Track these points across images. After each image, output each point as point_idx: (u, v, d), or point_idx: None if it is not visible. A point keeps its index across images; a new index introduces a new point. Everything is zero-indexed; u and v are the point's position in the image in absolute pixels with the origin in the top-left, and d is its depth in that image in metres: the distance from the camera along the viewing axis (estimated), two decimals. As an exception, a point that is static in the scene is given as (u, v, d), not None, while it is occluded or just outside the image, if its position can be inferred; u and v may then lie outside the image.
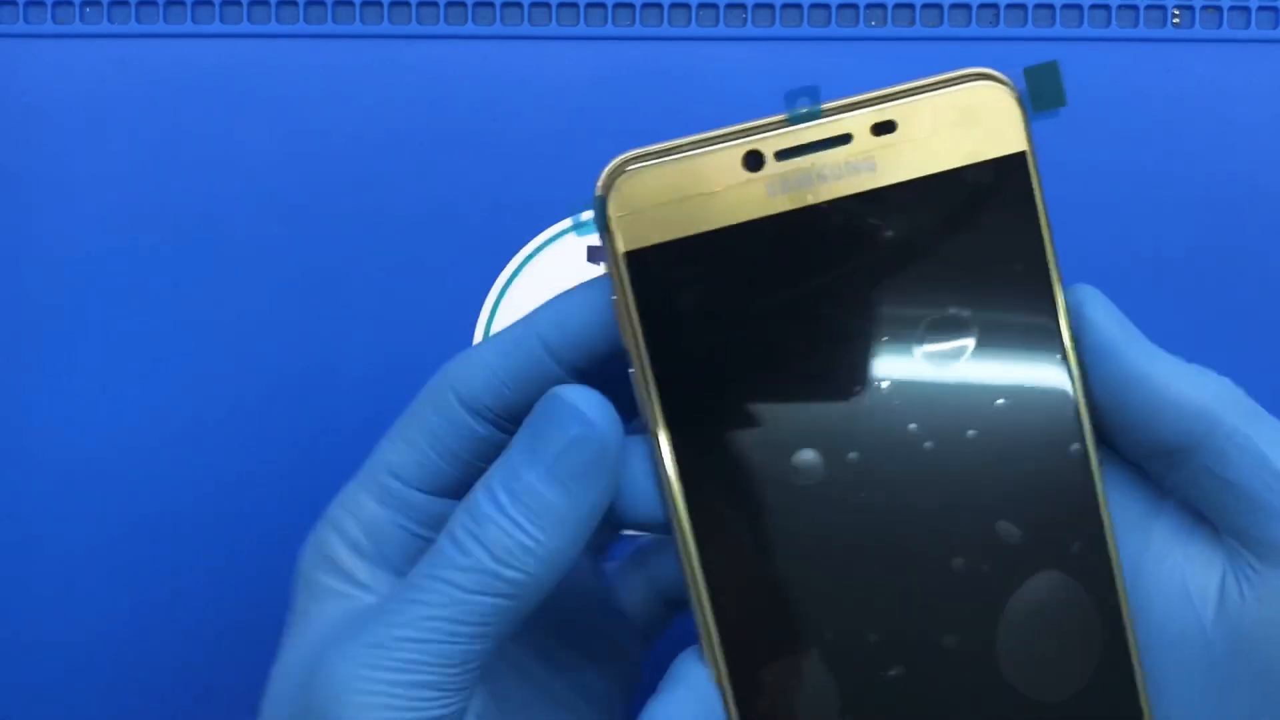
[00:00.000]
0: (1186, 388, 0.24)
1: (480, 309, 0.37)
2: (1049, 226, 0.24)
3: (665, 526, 0.24)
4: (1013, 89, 0.24)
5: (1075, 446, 0.24)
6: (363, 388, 0.37)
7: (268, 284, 0.37)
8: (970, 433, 0.24)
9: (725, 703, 0.24)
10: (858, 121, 0.23)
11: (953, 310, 0.24)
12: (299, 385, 0.37)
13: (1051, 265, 0.24)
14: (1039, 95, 0.24)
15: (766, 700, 0.24)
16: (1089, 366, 0.24)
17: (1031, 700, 0.24)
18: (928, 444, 0.24)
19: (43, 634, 0.37)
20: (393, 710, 0.22)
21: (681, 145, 0.23)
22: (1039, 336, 0.24)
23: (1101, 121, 0.37)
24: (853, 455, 0.24)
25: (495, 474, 0.23)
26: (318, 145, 0.37)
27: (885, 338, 0.24)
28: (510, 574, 0.22)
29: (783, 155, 0.23)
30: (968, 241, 0.24)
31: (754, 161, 0.23)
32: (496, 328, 0.37)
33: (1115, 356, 0.24)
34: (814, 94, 0.24)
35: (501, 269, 0.37)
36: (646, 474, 0.24)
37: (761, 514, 0.24)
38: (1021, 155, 0.24)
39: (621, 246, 0.23)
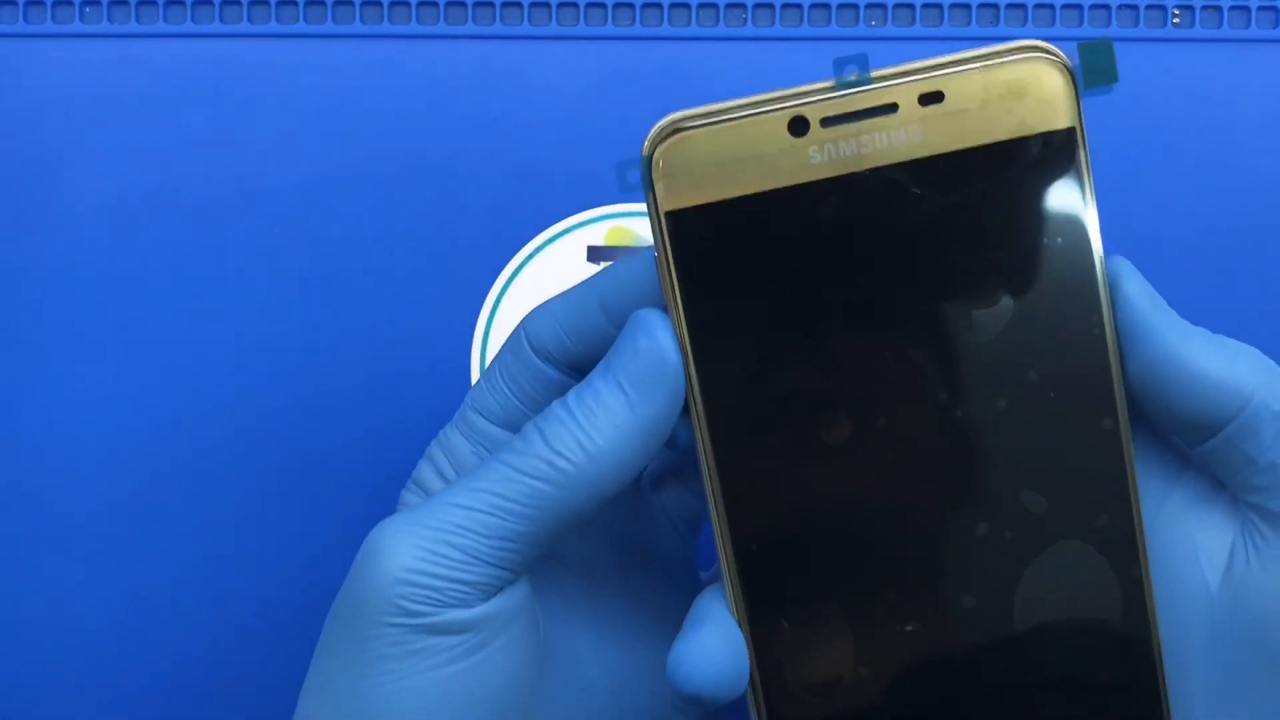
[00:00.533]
0: (1219, 366, 0.24)
1: (480, 309, 0.37)
2: (1095, 203, 0.24)
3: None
4: (1066, 64, 0.24)
5: (1107, 422, 0.24)
6: (362, 387, 0.37)
7: (266, 283, 0.37)
8: (1001, 403, 0.24)
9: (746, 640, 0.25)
10: (905, 91, 0.23)
11: (992, 282, 0.24)
12: (298, 384, 0.37)
13: (1095, 242, 0.24)
14: (1092, 71, 0.24)
15: (783, 646, 0.25)
16: (1123, 342, 0.24)
17: (1047, 665, 0.25)
18: (958, 412, 0.24)
19: (42, 636, 0.37)
20: (427, 562, 0.23)
21: (729, 108, 0.24)
22: (1078, 312, 0.24)
23: (1101, 121, 0.37)
24: (881, 419, 0.24)
25: (575, 387, 0.25)
26: (318, 145, 0.37)
27: (921, 306, 0.24)
28: (560, 462, 0.24)
29: (828, 122, 0.24)
30: (1012, 214, 0.24)
31: (799, 127, 0.24)
32: (496, 328, 0.37)
33: (1149, 333, 0.24)
34: (862, 61, 0.24)
35: (501, 269, 0.37)
36: None
37: (786, 467, 0.24)
38: (1071, 131, 0.24)
39: (664, 205, 0.24)
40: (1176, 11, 0.37)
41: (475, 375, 0.37)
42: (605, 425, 0.24)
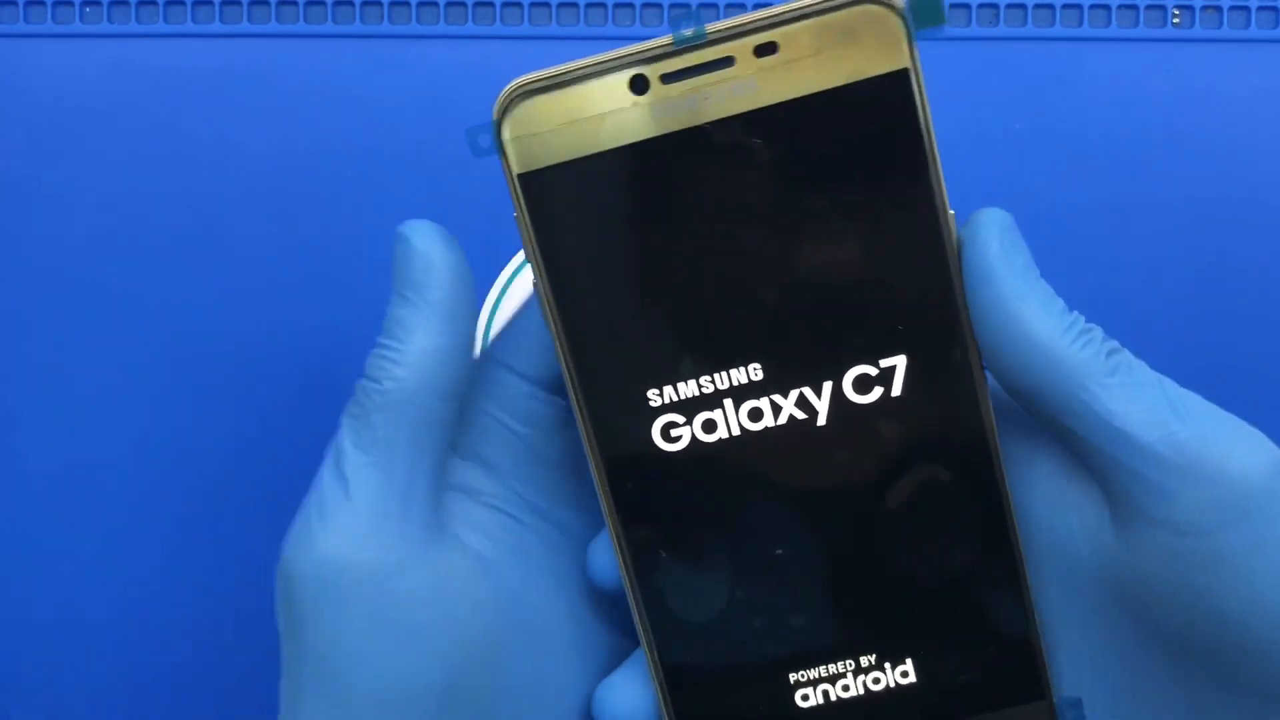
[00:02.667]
0: (1044, 330, 0.24)
1: (480, 309, 0.37)
2: (934, 143, 0.24)
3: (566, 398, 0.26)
4: (895, 7, 0.24)
5: (957, 353, 0.25)
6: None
7: (266, 283, 0.37)
8: (855, 339, 0.25)
9: (627, 577, 0.26)
10: (740, 45, 0.24)
11: (834, 225, 0.24)
12: (298, 384, 0.37)
13: (936, 179, 0.24)
14: (921, 13, 0.24)
15: (662, 574, 0.26)
16: (967, 285, 0.24)
17: (913, 585, 0.26)
18: (811, 350, 0.25)
19: (41, 634, 0.37)
20: (333, 545, 0.25)
21: (572, 70, 0.24)
22: (922, 247, 0.25)
23: (1101, 121, 0.37)
24: (736, 360, 0.25)
25: None
26: (317, 145, 0.37)
27: (767, 252, 0.25)
28: (386, 385, 0.25)
29: (668, 78, 0.24)
30: (852, 158, 0.24)
31: (640, 85, 0.24)
32: (496, 328, 0.37)
33: (988, 281, 0.24)
34: (699, 18, 0.25)
35: (501, 269, 0.37)
36: (545, 337, 0.26)
37: (647, 405, 0.25)
38: (905, 72, 0.24)
39: (515, 169, 0.25)
40: (1176, 11, 0.37)
41: (475, 375, 0.37)
42: (401, 332, 0.25)
